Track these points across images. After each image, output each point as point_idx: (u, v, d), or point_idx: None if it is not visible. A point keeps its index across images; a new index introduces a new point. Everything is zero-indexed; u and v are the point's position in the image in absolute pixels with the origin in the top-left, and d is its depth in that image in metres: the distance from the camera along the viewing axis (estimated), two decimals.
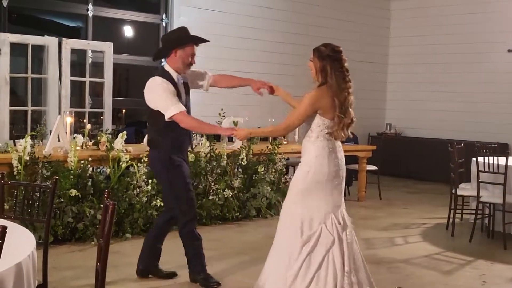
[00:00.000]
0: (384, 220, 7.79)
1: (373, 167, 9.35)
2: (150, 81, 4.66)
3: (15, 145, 6.16)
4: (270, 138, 8.10)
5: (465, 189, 7.03)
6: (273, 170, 7.79)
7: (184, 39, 4.70)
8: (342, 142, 4.44)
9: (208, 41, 4.79)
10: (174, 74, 4.68)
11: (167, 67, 4.72)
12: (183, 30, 4.79)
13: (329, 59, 4.17)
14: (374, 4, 12.68)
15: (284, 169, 8.07)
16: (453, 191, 6.98)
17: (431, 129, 12.12)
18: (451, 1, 11.99)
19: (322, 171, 4.08)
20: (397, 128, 12.71)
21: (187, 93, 4.84)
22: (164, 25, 9.55)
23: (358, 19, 12.27)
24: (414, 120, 12.53)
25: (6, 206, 4.63)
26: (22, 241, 2.78)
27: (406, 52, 12.69)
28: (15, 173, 5.82)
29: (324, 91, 4.14)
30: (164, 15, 9.55)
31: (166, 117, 4.48)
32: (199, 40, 4.77)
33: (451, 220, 7.04)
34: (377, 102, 13.01)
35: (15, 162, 5.84)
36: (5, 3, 7.88)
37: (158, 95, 4.56)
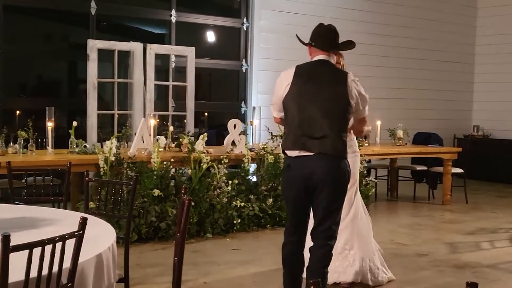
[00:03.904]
0: (470, 224, 7.52)
1: (459, 170, 9.05)
2: (351, 75, 3.93)
3: (102, 147, 6.38)
4: None
5: None
6: None
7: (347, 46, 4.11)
8: None
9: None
10: None
11: (334, 61, 4.08)
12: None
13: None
14: (460, 2, 12.32)
15: (365, 171, 7.93)
16: None
17: None
18: None
19: None
20: (485, 130, 12.27)
21: None
22: (245, 29, 9.65)
23: (444, 17, 11.95)
24: (503, 121, 12.05)
25: (92, 205, 4.82)
26: (103, 234, 2.87)
27: (494, 51, 12.23)
28: (101, 173, 6.04)
29: None
30: (245, 19, 9.65)
31: (364, 114, 4.08)
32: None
33: None
34: (464, 103, 12.62)
35: (101, 163, 6.06)
36: (93, 11, 8.21)
37: (364, 93, 3.98)
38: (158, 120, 7.61)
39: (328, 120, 3.78)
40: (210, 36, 10.14)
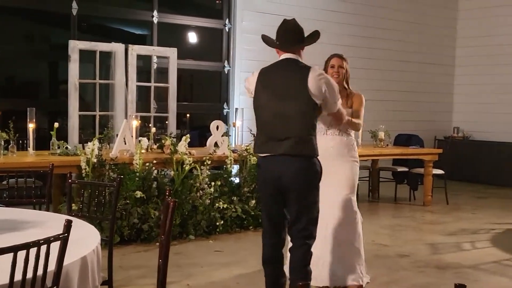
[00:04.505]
0: (451, 225, 7.59)
1: (440, 171, 9.13)
2: (316, 71, 3.86)
3: (83, 148, 6.34)
4: None
5: None
6: None
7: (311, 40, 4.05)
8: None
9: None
10: None
11: (300, 59, 3.98)
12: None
13: None
14: (441, 4, 12.43)
15: None
16: None
17: (501, 132, 11.74)
18: None
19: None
20: (465, 131, 12.39)
21: None
22: (227, 30, 9.65)
23: (425, 20, 12.05)
24: (482, 123, 12.18)
25: (74, 207, 4.78)
26: (87, 236, 2.86)
27: (474, 53, 12.36)
28: (83, 175, 6.00)
29: None
30: (227, 20, 9.65)
31: (335, 110, 4.02)
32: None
33: None
34: (444, 105, 12.73)
35: (83, 164, 6.02)
36: (74, 12, 8.15)
37: (333, 86, 3.91)
38: (140, 121, 7.57)
39: (290, 121, 3.82)
40: (192, 37, 10.12)
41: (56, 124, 6.67)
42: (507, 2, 11.79)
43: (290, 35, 3.95)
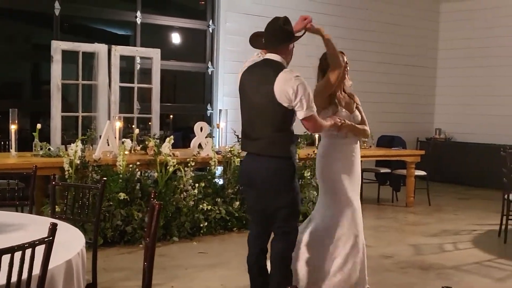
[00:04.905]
0: (433, 226, 7.65)
1: (422, 173, 9.19)
2: (287, 73, 3.80)
3: (66, 149, 6.30)
4: (316, 142, 8.06)
5: None
6: None
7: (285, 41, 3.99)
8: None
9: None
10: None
11: (280, 59, 3.93)
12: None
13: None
14: (423, 6, 12.51)
15: None
16: (506, 196, 6.81)
17: (482, 134, 11.86)
18: (501, 2, 11.73)
19: None
20: (447, 133, 12.49)
21: None
22: (211, 31, 9.64)
23: (407, 22, 12.13)
24: (464, 124, 12.29)
25: (57, 209, 4.74)
26: (72, 239, 2.84)
27: (456, 55, 12.47)
28: (66, 176, 5.96)
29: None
30: (210, 21, 9.63)
31: (302, 116, 3.82)
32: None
33: (503, 226, 6.87)
34: (426, 106, 12.82)
35: (66, 166, 5.98)
36: (57, 12, 8.09)
37: (303, 90, 3.76)
38: (123, 122, 7.54)
39: (261, 121, 3.88)
40: (176, 38, 10.09)
41: (38, 125, 6.61)
42: (487, 5, 11.91)
43: (269, 36, 3.98)
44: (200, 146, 7.05)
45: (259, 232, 4.11)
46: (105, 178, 3.83)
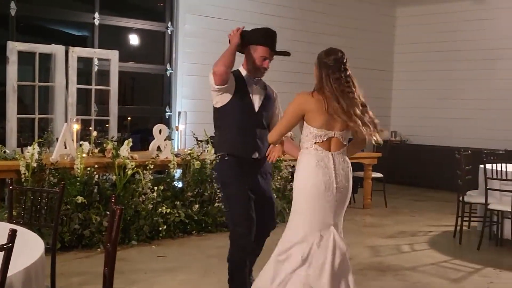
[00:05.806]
0: (390, 228, 7.76)
1: (379, 175, 9.33)
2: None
3: (22, 152, 6.18)
4: None
5: (473, 197, 7.00)
6: (279, 177, 7.79)
7: (259, 39, 4.23)
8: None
9: (288, 54, 4.44)
10: (243, 72, 4.31)
11: (240, 67, 4.34)
12: (263, 31, 4.30)
13: (326, 68, 3.97)
14: (380, 11, 12.70)
15: (290, 176, 8.03)
16: (461, 198, 6.96)
17: (437, 137, 12.10)
18: (457, 7, 11.99)
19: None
20: (403, 135, 12.69)
21: (264, 103, 4.36)
22: (170, 33, 9.58)
23: (363, 26, 12.28)
24: (419, 127, 12.51)
25: (14, 213, 4.65)
26: (30, 246, 2.78)
27: (412, 59, 12.69)
28: (22, 180, 5.84)
29: (314, 95, 3.85)
30: (169, 23, 9.58)
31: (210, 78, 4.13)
32: (273, 47, 4.28)
33: (458, 227, 7.02)
34: (382, 109, 12.97)
35: (22, 169, 5.86)
36: (13, 12, 7.93)
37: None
38: (80, 124, 7.43)
39: None
40: (134, 40, 10.00)
41: None
42: (443, 10, 12.16)
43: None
44: (159, 148, 7.01)
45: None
46: (63, 182, 3.78)
